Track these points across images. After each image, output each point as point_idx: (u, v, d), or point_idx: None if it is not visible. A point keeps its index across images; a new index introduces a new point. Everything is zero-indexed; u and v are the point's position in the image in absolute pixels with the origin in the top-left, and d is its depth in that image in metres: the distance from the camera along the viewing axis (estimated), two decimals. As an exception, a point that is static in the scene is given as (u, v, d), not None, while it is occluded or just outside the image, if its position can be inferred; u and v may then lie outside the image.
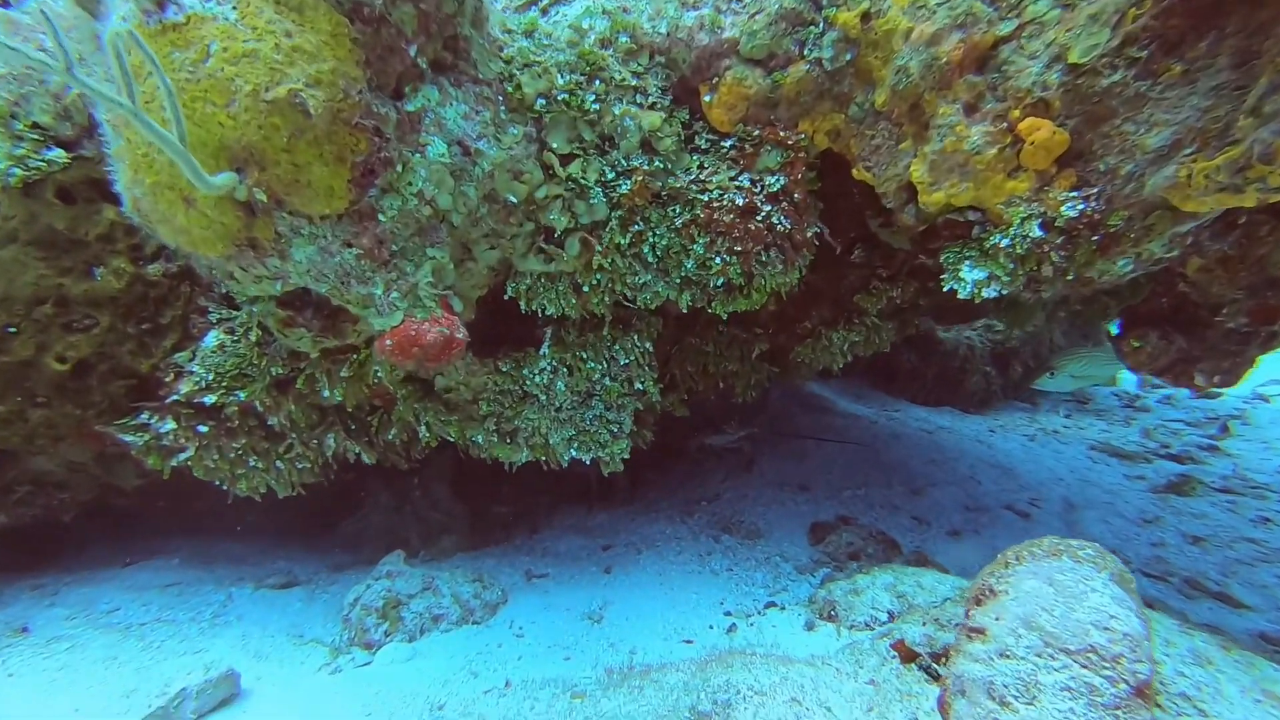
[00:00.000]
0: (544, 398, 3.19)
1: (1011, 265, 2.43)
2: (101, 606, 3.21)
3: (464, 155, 2.31)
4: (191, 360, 2.77)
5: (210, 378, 2.76)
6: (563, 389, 3.17)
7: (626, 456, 3.37)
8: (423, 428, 3.42)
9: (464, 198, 2.35)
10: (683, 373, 4.18)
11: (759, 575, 4.34)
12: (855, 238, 3.63)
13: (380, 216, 2.11)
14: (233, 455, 3.05)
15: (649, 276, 2.90)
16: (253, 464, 3.15)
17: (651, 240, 2.87)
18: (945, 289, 2.65)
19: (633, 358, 3.28)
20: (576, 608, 3.74)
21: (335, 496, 4.82)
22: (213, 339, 2.77)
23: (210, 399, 2.80)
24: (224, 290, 2.76)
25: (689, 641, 3.39)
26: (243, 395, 2.83)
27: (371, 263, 2.17)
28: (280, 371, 2.87)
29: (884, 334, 3.96)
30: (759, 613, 3.64)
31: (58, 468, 3.21)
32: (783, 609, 3.64)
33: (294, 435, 3.17)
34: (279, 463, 3.22)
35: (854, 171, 2.83)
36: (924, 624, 2.66)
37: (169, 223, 2.02)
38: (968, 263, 2.53)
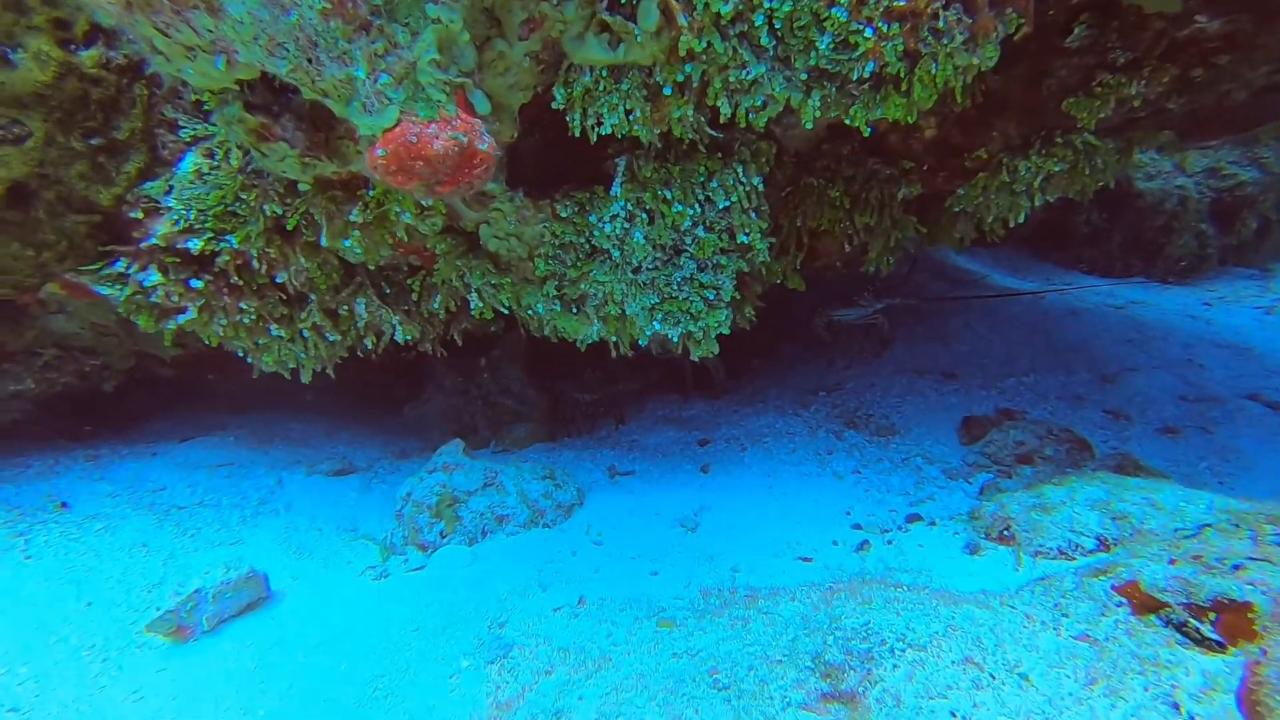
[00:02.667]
0: (617, 253, 2.53)
1: None
2: (148, 484, 3.10)
3: None
4: (167, 193, 2.32)
5: (191, 216, 2.32)
6: (641, 241, 2.49)
7: (726, 332, 2.70)
8: (473, 295, 2.89)
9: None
10: (796, 227, 3.35)
11: (895, 480, 3.70)
12: (1078, 5, 2.54)
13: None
14: (247, 321, 2.68)
15: (761, 69, 2.07)
16: (274, 332, 2.78)
17: (769, 6, 2.02)
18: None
19: (735, 198, 2.51)
20: (667, 512, 3.28)
21: (400, 374, 4.56)
22: (189, 164, 2.29)
23: (195, 244, 2.37)
24: (193, 95, 2.24)
25: (806, 560, 2.85)
26: (234, 240, 2.38)
27: (344, 24, 1.52)
28: (278, 211, 2.37)
29: (1101, 161, 2.90)
30: (899, 527, 3.01)
31: (82, 330, 2.99)
32: (932, 524, 2.99)
33: (314, 298, 2.73)
34: (304, 331, 2.83)
35: None
36: (1170, 560, 1.92)
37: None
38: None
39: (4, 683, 2.05)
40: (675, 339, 2.70)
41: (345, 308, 2.83)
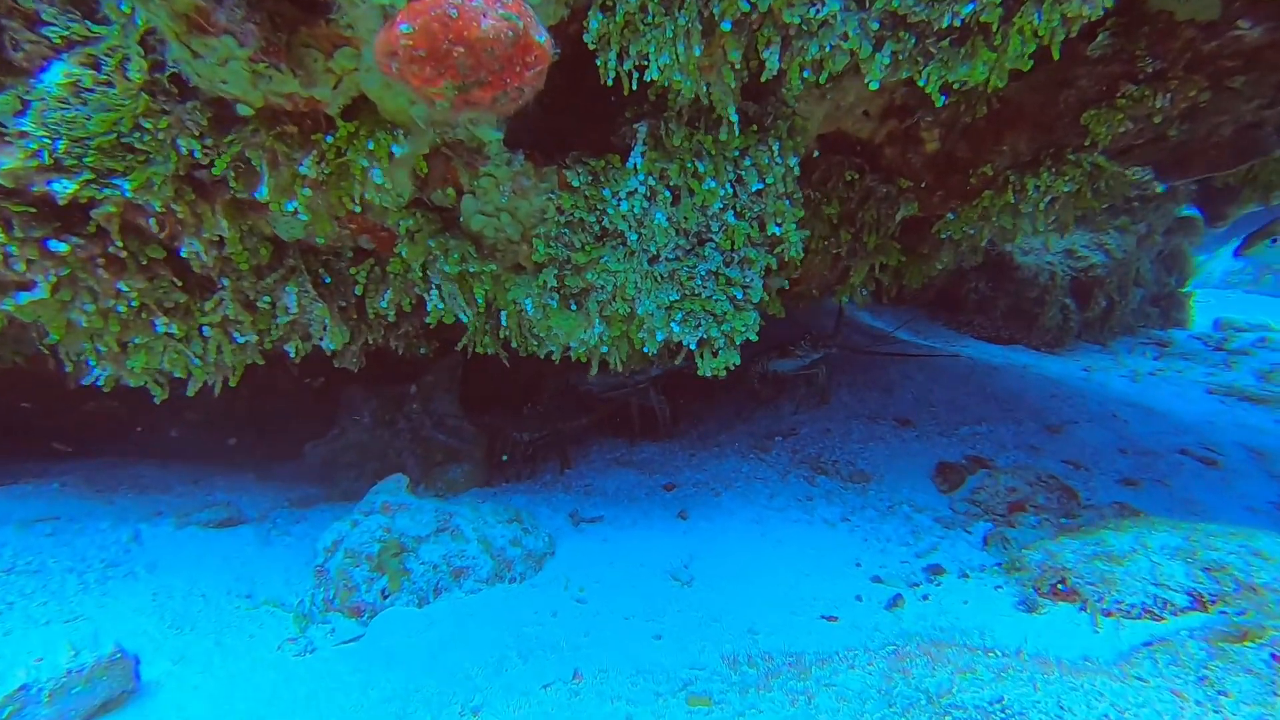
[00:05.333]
0: (634, 237, 2.18)
1: None
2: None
3: None
4: (20, 113, 1.71)
5: (60, 147, 1.71)
6: (663, 223, 2.15)
7: (754, 338, 2.39)
8: (433, 291, 2.40)
9: None
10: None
11: (888, 528, 3.49)
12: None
13: None
14: (123, 310, 2.04)
15: (835, 6, 1.85)
16: (161, 329, 2.14)
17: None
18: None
19: (770, 180, 2.25)
20: (652, 563, 2.85)
21: (297, 406, 3.85)
22: (58, 74, 1.70)
23: (64, 186, 1.75)
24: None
25: (831, 618, 2.52)
26: (128, 187, 1.79)
27: None
28: (194, 149, 1.82)
29: (1108, 185, 2.94)
30: (928, 579, 2.75)
31: None
32: (964, 576, 2.75)
33: (228, 283, 2.15)
34: (205, 328, 2.22)
35: None
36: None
37: None
38: None
39: None
40: (692, 345, 2.35)
41: (267, 299, 2.26)
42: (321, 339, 2.37)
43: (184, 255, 2.03)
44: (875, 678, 1.86)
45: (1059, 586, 2.40)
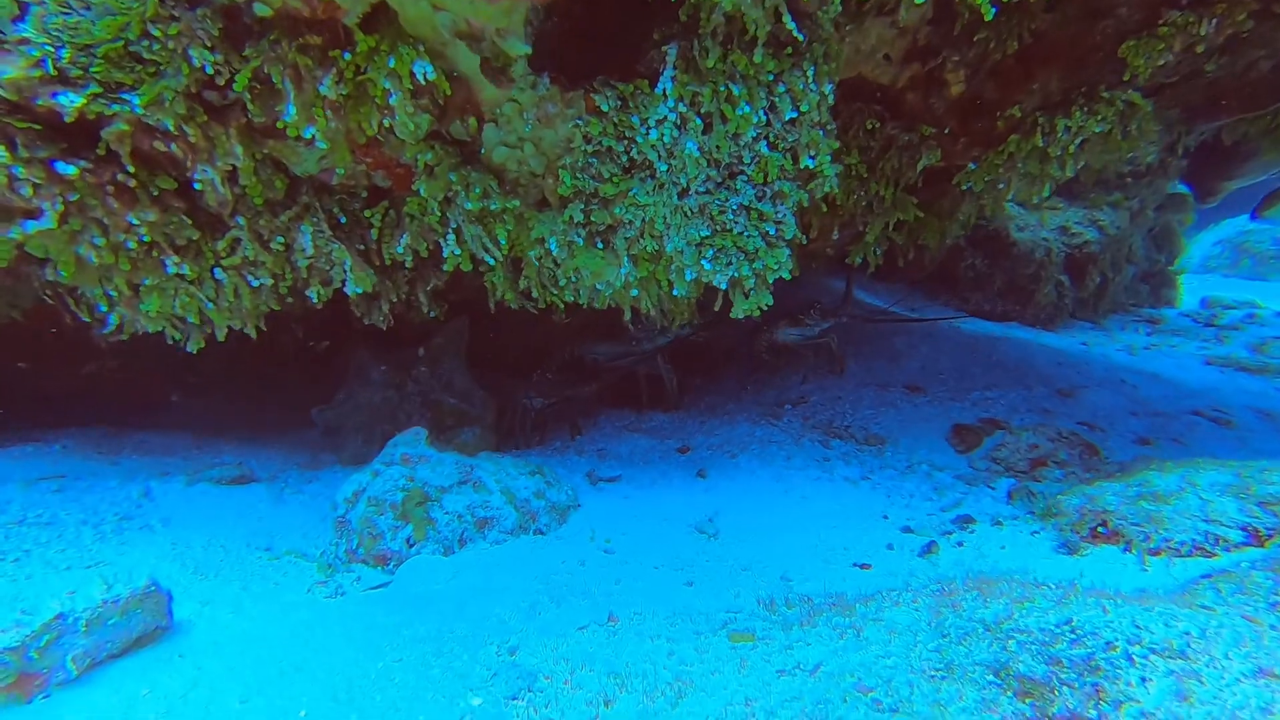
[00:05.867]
0: (664, 167, 2.11)
1: None
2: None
3: None
4: (20, 16, 1.62)
5: (65, 56, 1.63)
6: (694, 153, 2.09)
7: (786, 276, 2.33)
8: (450, 236, 2.34)
9: None
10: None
11: (910, 485, 3.46)
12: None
13: None
14: (132, 243, 1.95)
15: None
16: (170, 267, 2.06)
17: None
18: None
19: (805, 108, 2.19)
20: (676, 518, 2.81)
21: (300, 372, 3.77)
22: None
23: (71, 99, 1.66)
24: None
25: (864, 566, 2.49)
26: (138, 102, 1.71)
27: None
28: (207, 61, 1.73)
29: (1137, 126, 2.90)
30: (960, 528, 2.72)
31: None
32: (997, 523, 2.72)
33: (243, 220, 2.07)
34: (217, 270, 2.14)
35: None
36: None
37: None
38: None
39: None
40: (723, 285, 2.29)
41: (281, 240, 2.18)
42: (344, 283, 2.29)
43: (198, 185, 1.95)
44: (923, 612, 1.82)
45: (1099, 529, 2.37)
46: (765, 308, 2.39)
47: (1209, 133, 5.10)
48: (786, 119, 2.18)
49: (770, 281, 2.31)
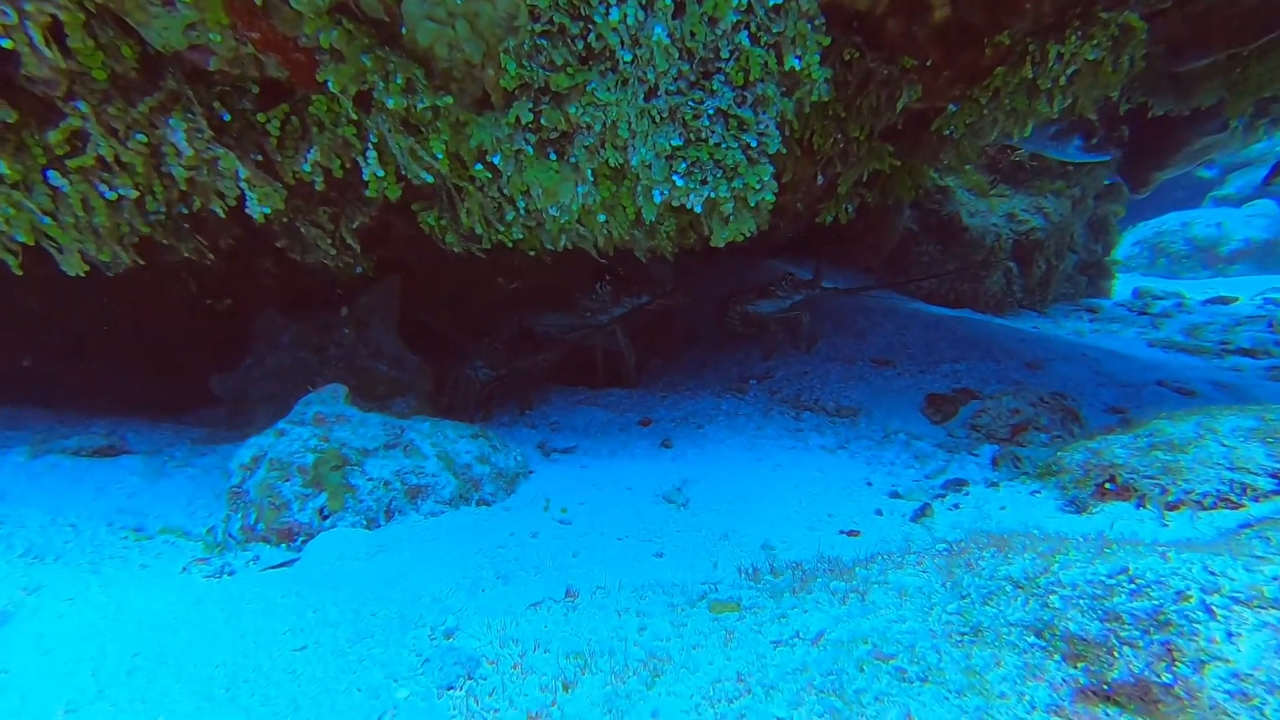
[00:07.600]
0: (628, 56, 1.82)
1: None
2: None
3: None
4: None
5: None
6: (664, 39, 1.80)
7: (769, 198, 2.07)
8: (370, 152, 1.99)
9: None
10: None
11: (889, 454, 3.28)
12: None
13: None
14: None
15: None
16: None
17: None
18: None
19: (786, -1, 1.92)
20: (641, 487, 2.53)
21: (197, 336, 3.32)
22: None
23: None
24: None
25: (852, 533, 2.25)
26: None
27: None
28: None
29: (1131, 57, 2.75)
30: (953, 491, 2.50)
31: None
32: (995, 485, 2.51)
33: (85, 106, 1.68)
34: (52, 174, 1.74)
35: None
36: None
37: None
38: None
39: None
40: (697, 208, 2.01)
41: (142, 137, 1.79)
42: (242, 200, 1.91)
43: (6, 43, 1.54)
44: (932, 574, 1.57)
45: (1106, 485, 2.17)
46: (748, 234, 2.12)
47: (1158, 108, 5.06)
48: (771, 4, 1.91)
49: (753, 204, 2.04)
